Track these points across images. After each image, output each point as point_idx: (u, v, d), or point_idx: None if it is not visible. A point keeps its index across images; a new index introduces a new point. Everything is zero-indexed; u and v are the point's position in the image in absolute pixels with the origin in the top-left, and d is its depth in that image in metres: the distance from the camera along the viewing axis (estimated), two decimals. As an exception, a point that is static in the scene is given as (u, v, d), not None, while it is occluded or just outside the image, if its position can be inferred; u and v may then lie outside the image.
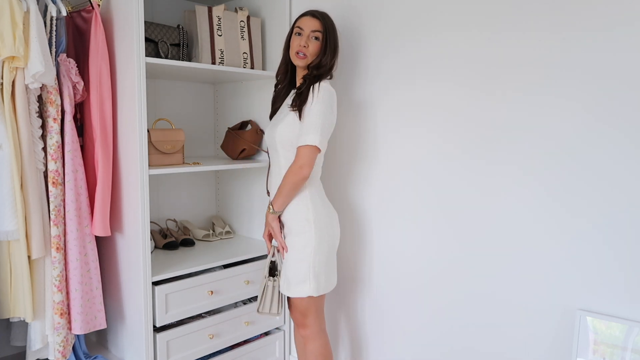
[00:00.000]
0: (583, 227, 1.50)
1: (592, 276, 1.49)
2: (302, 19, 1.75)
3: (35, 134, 1.81)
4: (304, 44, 1.72)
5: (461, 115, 1.75)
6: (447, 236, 1.83)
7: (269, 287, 1.85)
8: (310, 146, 1.63)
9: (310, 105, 1.65)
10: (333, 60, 1.77)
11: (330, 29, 1.75)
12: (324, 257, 1.73)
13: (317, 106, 1.64)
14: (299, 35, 1.74)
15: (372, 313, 2.11)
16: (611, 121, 1.43)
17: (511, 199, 1.65)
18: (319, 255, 1.71)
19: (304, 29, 1.73)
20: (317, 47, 1.74)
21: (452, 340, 1.85)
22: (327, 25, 1.74)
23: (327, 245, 1.74)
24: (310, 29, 1.73)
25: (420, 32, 1.85)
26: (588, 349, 1.47)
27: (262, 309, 1.86)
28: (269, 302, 1.84)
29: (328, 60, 1.74)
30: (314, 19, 1.74)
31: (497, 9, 1.64)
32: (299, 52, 1.73)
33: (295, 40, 1.74)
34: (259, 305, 1.86)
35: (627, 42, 1.38)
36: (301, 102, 1.68)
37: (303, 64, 1.74)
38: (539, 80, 1.55)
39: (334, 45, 1.76)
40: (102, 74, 1.87)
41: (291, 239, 1.74)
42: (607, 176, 1.44)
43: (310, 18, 1.74)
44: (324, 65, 1.74)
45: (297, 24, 1.76)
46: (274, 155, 1.82)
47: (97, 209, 1.89)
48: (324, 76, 1.74)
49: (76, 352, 2.05)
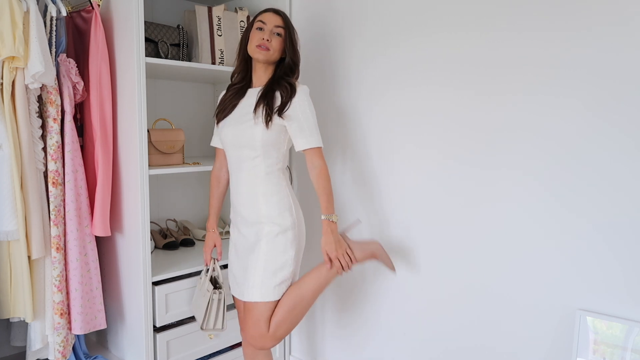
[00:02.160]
0: (583, 227, 1.50)
1: (592, 276, 1.49)
2: (264, 14, 1.72)
3: (35, 134, 1.81)
4: (267, 37, 1.67)
5: (459, 118, 1.75)
6: (447, 237, 1.83)
7: (214, 300, 1.78)
8: (319, 147, 1.69)
9: (299, 107, 1.65)
10: (297, 59, 1.75)
11: (291, 27, 1.73)
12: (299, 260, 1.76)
13: (308, 108, 1.68)
14: (261, 30, 1.69)
15: (372, 313, 2.11)
16: (613, 121, 1.42)
17: (512, 200, 1.65)
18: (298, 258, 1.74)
19: (266, 23, 1.69)
20: (280, 43, 1.70)
21: (452, 340, 1.85)
22: (288, 23, 1.73)
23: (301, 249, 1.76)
24: (273, 24, 1.69)
25: (415, 32, 1.84)
26: (588, 349, 1.47)
27: (206, 326, 1.80)
28: (214, 317, 1.79)
29: (295, 58, 1.73)
30: (276, 15, 1.72)
31: (495, 9, 1.63)
32: (260, 45, 1.67)
33: (257, 34, 1.69)
34: (202, 323, 1.80)
35: (630, 40, 1.38)
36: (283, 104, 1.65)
37: (264, 57, 1.68)
38: (538, 81, 1.55)
39: (295, 42, 1.74)
40: (102, 74, 1.87)
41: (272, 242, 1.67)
42: (607, 176, 1.44)
43: (273, 14, 1.72)
44: (296, 64, 1.74)
45: (258, 19, 1.71)
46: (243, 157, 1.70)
47: (97, 209, 1.89)
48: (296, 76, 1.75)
49: (76, 352, 2.05)
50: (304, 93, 1.69)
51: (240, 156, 1.71)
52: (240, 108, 1.73)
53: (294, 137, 1.68)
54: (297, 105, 1.66)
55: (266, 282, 1.65)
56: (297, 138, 1.67)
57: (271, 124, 1.64)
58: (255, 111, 1.66)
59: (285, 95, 1.66)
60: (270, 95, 1.67)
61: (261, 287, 1.65)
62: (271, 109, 1.65)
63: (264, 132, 1.64)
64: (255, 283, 1.66)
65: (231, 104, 1.75)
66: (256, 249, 1.69)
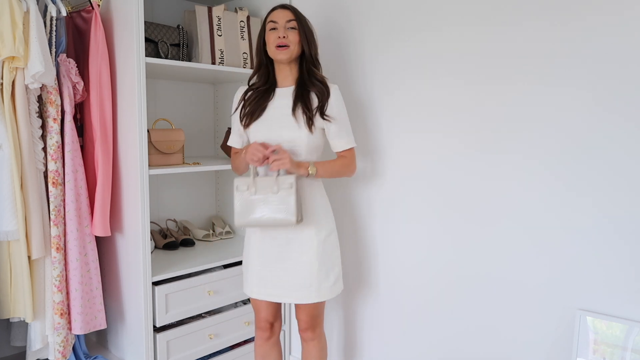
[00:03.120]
0: (583, 227, 1.50)
1: (592, 276, 1.49)
2: (273, 13, 1.70)
3: (35, 134, 1.81)
4: (283, 34, 1.65)
5: (467, 113, 1.74)
6: (446, 237, 1.83)
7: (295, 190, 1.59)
8: (353, 148, 1.76)
9: (336, 108, 1.69)
10: (316, 49, 1.73)
11: (302, 18, 1.70)
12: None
13: (343, 108, 1.72)
14: (274, 29, 1.67)
15: (372, 314, 2.11)
16: (617, 118, 1.42)
17: (513, 200, 1.65)
18: (338, 251, 1.79)
19: (278, 21, 1.66)
20: (296, 35, 1.67)
21: (452, 340, 1.84)
22: (299, 15, 1.70)
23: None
24: (285, 20, 1.67)
25: (423, 27, 1.84)
26: (588, 349, 1.47)
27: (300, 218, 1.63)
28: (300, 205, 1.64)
29: (313, 49, 1.71)
30: (286, 10, 1.69)
31: (506, 2, 1.63)
32: (279, 45, 1.65)
33: (272, 35, 1.67)
34: (298, 215, 1.60)
35: (635, 29, 1.36)
36: (322, 107, 1.66)
37: (287, 56, 1.66)
38: (547, 74, 1.54)
39: (310, 32, 1.71)
40: (102, 74, 1.87)
41: (322, 244, 1.70)
42: (607, 176, 1.44)
43: (281, 10, 1.69)
44: (314, 55, 1.71)
45: (269, 19, 1.69)
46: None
47: (97, 209, 1.89)
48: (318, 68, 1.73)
49: (76, 352, 2.05)
50: (338, 92, 1.71)
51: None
52: (273, 109, 1.71)
53: (332, 137, 1.71)
54: (334, 106, 1.68)
55: (323, 283, 1.70)
56: (335, 139, 1.71)
57: (314, 128, 1.66)
58: (294, 114, 1.66)
59: (322, 97, 1.67)
60: (306, 97, 1.67)
61: (318, 288, 1.69)
62: (311, 112, 1.66)
63: (308, 137, 1.66)
64: (312, 284, 1.68)
65: (260, 106, 1.71)
66: (304, 251, 1.68)
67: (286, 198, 1.58)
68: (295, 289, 1.69)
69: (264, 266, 1.73)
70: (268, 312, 1.81)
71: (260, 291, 1.75)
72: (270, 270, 1.72)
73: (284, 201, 1.58)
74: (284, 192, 1.58)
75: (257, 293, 1.75)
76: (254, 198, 1.62)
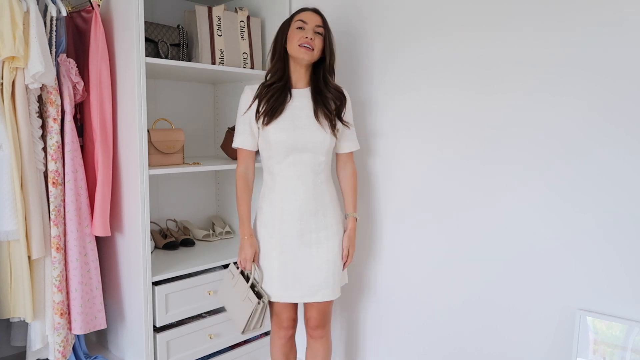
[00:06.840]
0: (583, 227, 1.50)
1: (592, 276, 1.49)
2: (303, 13, 1.68)
3: (35, 134, 1.81)
4: (311, 36, 1.63)
5: (465, 118, 1.74)
6: (446, 237, 1.83)
7: (257, 310, 1.66)
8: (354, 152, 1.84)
9: (349, 113, 1.77)
10: (334, 59, 1.73)
11: (329, 28, 1.71)
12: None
13: (352, 112, 1.81)
14: (302, 29, 1.64)
15: (373, 315, 2.11)
16: (616, 119, 1.42)
17: (513, 200, 1.65)
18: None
19: (307, 22, 1.65)
20: (321, 42, 1.67)
21: (452, 340, 1.84)
22: (327, 24, 1.70)
23: None
24: (315, 24, 1.66)
25: (425, 33, 1.84)
26: (588, 349, 1.47)
27: (247, 331, 1.72)
28: (255, 322, 1.71)
29: (332, 59, 1.71)
30: (317, 15, 1.69)
31: (501, 9, 1.63)
32: (305, 45, 1.62)
33: (298, 33, 1.64)
34: (244, 328, 1.69)
35: (631, 38, 1.37)
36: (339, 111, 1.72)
37: (309, 57, 1.64)
38: (543, 80, 1.55)
39: (332, 43, 1.71)
40: (102, 74, 1.87)
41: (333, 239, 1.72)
42: (608, 176, 1.44)
43: (313, 13, 1.68)
44: (332, 65, 1.72)
45: (298, 18, 1.67)
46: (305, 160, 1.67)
47: (97, 209, 1.89)
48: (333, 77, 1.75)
49: (76, 352, 2.05)
50: (349, 98, 1.78)
51: (301, 160, 1.66)
52: (292, 109, 1.68)
53: (341, 140, 1.78)
54: (349, 111, 1.77)
55: (337, 280, 1.74)
56: (344, 141, 1.78)
57: (336, 131, 1.71)
58: (316, 117, 1.68)
59: (340, 103, 1.73)
60: (325, 102, 1.70)
61: (334, 285, 1.72)
62: (333, 116, 1.70)
63: (331, 140, 1.70)
64: (335, 282, 1.72)
65: (280, 105, 1.67)
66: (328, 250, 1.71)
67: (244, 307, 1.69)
68: (319, 288, 1.69)
69: (284, 266, 1.68)
70: (292, 311, 1.79)
71: (283, 294, 1.70)
72: (292, 270, 1.68)
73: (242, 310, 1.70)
74: (244, 303, 1.69)
75: (279, 297, 1.70)
76: (232, 290, 1.75)
